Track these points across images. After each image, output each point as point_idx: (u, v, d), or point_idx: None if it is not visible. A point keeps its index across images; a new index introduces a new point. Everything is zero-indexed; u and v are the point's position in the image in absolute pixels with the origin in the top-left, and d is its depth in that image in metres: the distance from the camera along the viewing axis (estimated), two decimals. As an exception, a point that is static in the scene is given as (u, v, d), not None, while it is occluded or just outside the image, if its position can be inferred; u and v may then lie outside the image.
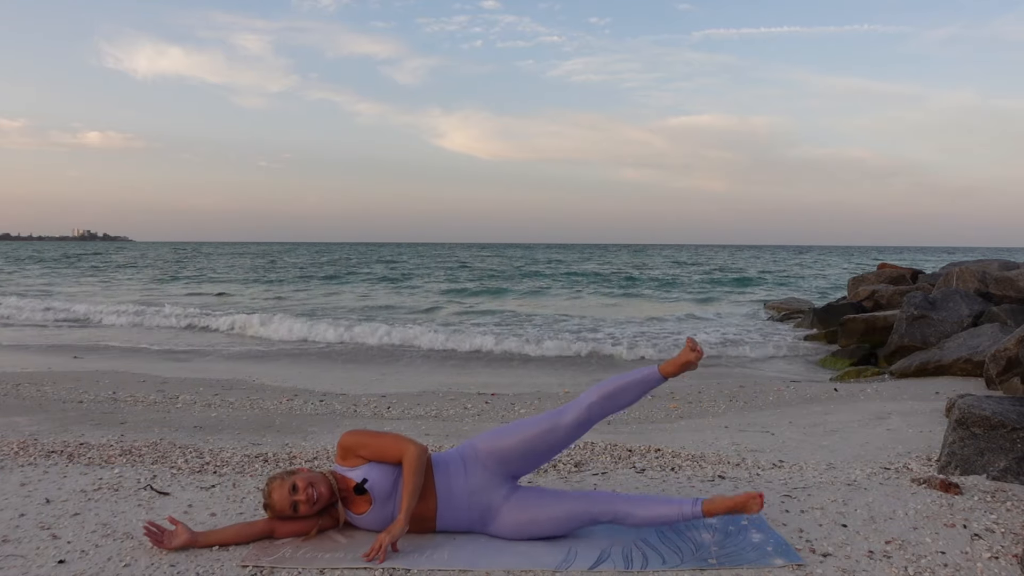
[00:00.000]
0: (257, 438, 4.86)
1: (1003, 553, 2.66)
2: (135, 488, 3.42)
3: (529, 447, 2.81)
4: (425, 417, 6.11)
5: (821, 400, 6.83)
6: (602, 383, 2.86)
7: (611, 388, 2.83)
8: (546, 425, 2.81)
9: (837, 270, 41.45)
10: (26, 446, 4.17)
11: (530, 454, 2.82)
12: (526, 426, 2.84)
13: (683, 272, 39.25)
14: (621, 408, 2.86)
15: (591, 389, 2.87)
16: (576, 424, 2.81)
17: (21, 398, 6.46)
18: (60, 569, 2.52)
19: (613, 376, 2.88)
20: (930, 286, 12.07)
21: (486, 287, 27.04)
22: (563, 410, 2.85)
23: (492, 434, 2.87)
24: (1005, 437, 3.57)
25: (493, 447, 2.82)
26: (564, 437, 2.83)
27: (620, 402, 2.83)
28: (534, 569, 2.53)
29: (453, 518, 2.80)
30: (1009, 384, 6.51)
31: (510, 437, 2.82)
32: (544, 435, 2.80)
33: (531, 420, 2.87)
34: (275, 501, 2.73)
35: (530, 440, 2.80)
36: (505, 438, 2.82)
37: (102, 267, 42.77)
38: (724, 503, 2.71)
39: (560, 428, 2.81)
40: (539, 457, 2.85)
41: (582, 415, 2.81)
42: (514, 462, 2.82)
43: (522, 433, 2.81)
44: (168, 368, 9.21)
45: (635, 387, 2.83)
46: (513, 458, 2.81)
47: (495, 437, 2.84)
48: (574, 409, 2.82)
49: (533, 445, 2.81)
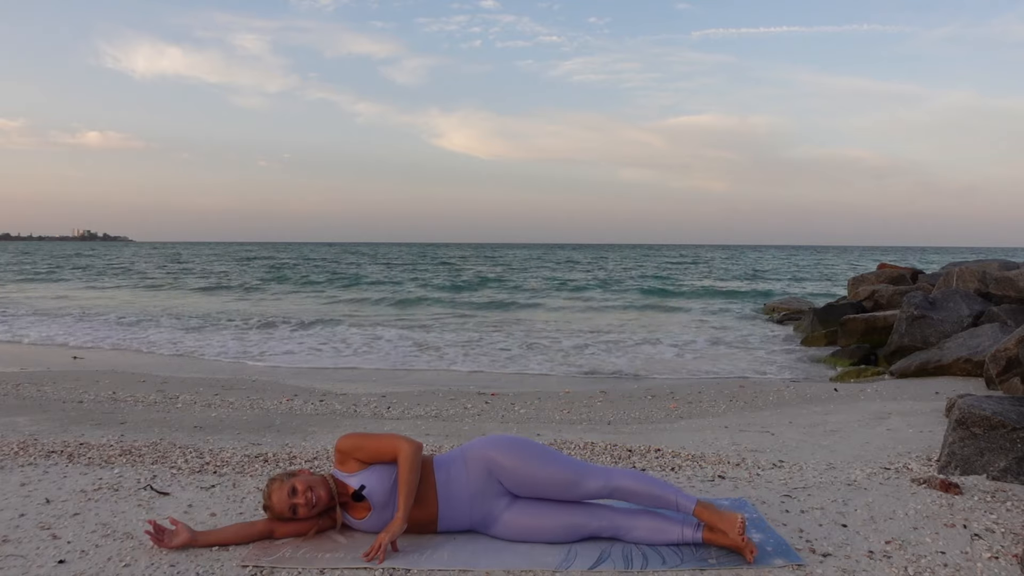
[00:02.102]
0: (257, 438, 4.86)
1: (1003, 553, 2.66)
2: (135, 488, 3.42)
3: (542, 488, 2.76)
4: (425, 417, 6.11)
5: (821, 400, 6.84)
6: (641, 477, 2.78)
7: (645, 489, 2.73)
8: (570, 478, 2.74)
9: (836, 270, 41.45)
10: (26, 446, 4.17)
11: (539, 492, 2.77)
12: (549, 469, 2.75)
13: (683, 273, 39.26)
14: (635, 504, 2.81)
15: (629, 474, 2.79)
16: (595, 494, 2.76)
17: (21, 398, 6.46)
18: (60, 569, 2.52)
19: (655, 479, 2.79)
20: (930, 286, 12.07)
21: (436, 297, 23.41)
22: (590, 473, 2.76)
23: (510, 450, 2.79)
24: (1005, 437, 3.57)
25: (510, 468, 2.75)
26: (578, 496, 2.77)
27: (641, 503, 2.76)
28: (534, 569, 2.53)
29: (454, 519, 2.79)
30: (1009, 384, 6.51)
31: (530, 468, 2.74)
32: (562, 486, 2.75)
33: (555, 464, 2.77)
34: (274, 503, 2.74)
35: (548, 485, 2.75)
36: (525, 467, 2.74)
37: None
38: (723, 540, 2.65)
39: (580, 488, 2.75)
40: (544, 495, 2.79)
41: (603, 492, 2.74)
42: (521, 489, 2.78)
43: (544, 474, 2.74)
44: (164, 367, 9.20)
45: (662, 504, 2.74)
46: (522, 486, 2.77)
47: (515, 459, 2.76)
48: (602, 480, 2.75)
49: (547, 490, 2.76)
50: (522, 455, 2.77)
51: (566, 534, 2.74)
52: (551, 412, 6.41)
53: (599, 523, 2.74)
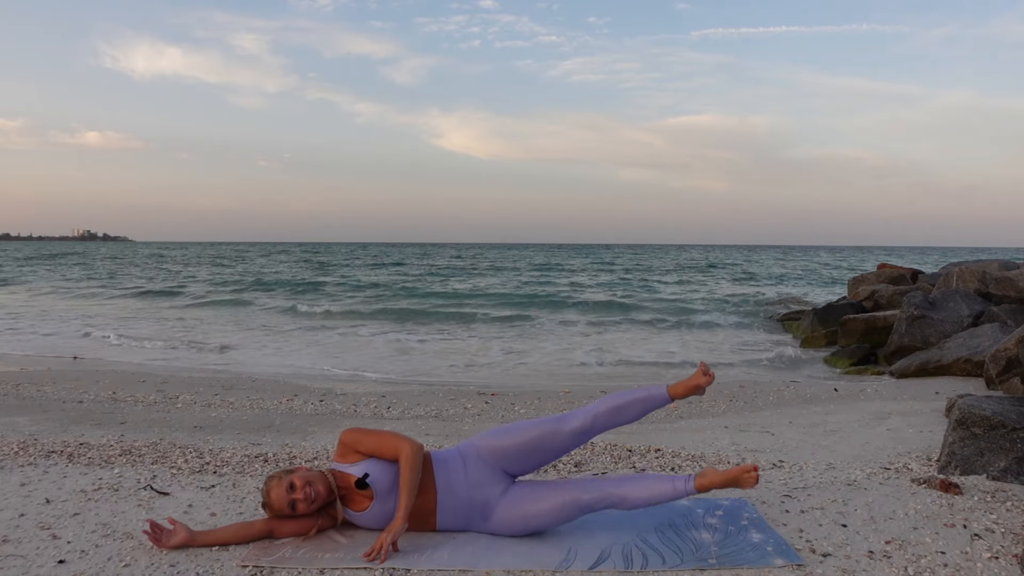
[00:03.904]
0: (257, 438, 4.86)
1: (1003, 553, 2.66)
2: (135, 488, 3.41)
3: (529, 448, 2.82)
4: (425, 417, 6.11)
5: (821, 400, 6.84)
6: (611, 395, 2.90)
7: (619, 402, 2.86)
8: (549, 428, 2.83)
9: (835, 269, 41.44)
10: (26, 446, 4.17)
11: (530, 455, 2.84)
12: (528, 427, 2.85)
13: (682, 273, 39.25)
14: (624, 423, 2.89)
15: (600, 399, 2.90)
16: (579, 431, 2.83)
17: (21, 398, 6.45)
18: (60, 569, 2.52)
19: (623, 391, 2.92)
20: (930, 286, 12.07)
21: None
22: (568, 416, 2.87)
23: (493, 432, 2.89)
24: (1005, 437, 3.57)
25: (493, 444, 2.84)
26: (565, 443, 2.85)
27: (624, 417, 2.86)
28: (534, 569, 2.53)
29: (453, 513, 2.81)
30: (1009, 384, 6.52)
31: (511, 436, 2.84)
32: (545, 437, 2.82)
33: (534, 421, 2.89)
34: (273, 500, 2.74)
35: (531, 441, 2.82)
36: (506, 437, 2.84)
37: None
38: (716, 477, 2.73)
39: (562, 433, 2.83)
40: (539, 459, 2.86)
41: (586, 424, 2.83)
42: (513, 461, 2.84)
43: (523, 434, 2.83)
44: (160, 368, 9.20)
45: (641, 404, 2.86)
46: (512, 457, 2.83)
47: (496, 435, 2.87)
48: (580, 417, 2.85)
49: (533, 446, 2.82)
50: (509, 429, 2.87)
51: (562, 513, 2.77)
52: (551, 412, 6.41)
53: (592, 496, 2.78)
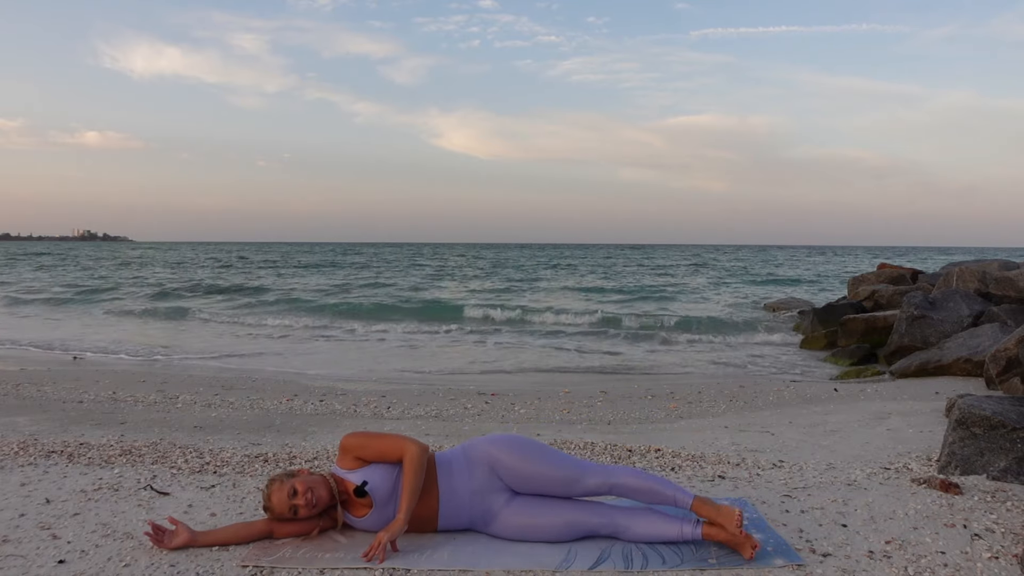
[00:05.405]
0: (257, 438, 4.86)
1: (1003, 553, 2.66)
2: (135, 488, 3.41)
3: (541, 483, 2.77)
4: (425, 417, 6.11)
5: (821, 400, 6.84)
6: (641, 474, 2.78)
7: (644, 485, 2.74)
8: (570, 475, 2.76)
9: (835, 270, 41.44)
10: (26, 446, 4.17)
11: (539, 488, 2.78)
12: (550, 465, 2.77)
13: (681, 273, 39.25)
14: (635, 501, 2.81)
15: (628, 471, 2.80)
16: (595, 490, 2.77)
17: (21, 398, 6.45)
18: (60, 569, 2.52)
19: (654, 476, 2.80)
20: (930, 286, 12.07)
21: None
22: (590, 471, 2.78)
23: (509, 446, 2.80)
24: (1005, 437, 3.57)
25: (508, 464, 2.76)
26: (575, 494, 2.78)
27: (640, 498, 2.76)
28: (534, 569, 2.53)
29: (455, 516, 2.80)
30: (1009, 384, 6.51)
31: (530, 465, 2.76)
32: (562, 483, 2.76)
33: (556, 461, 2.79)
34: (274, 504, 2.73)
35: (549, 481, 2.76)
36: (524, 464, 2.76)
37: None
38: (720, 535, 2.66)
39: (579, 485, 2.76)
40: (545, 492, 2.80)
41: (603, 488, 2.76)
42: (520, 484, 2.79)
43: (543, 469, 2.76)
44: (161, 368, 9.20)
45: (660, 499, 2.74)
46: (524, 483, 2.78)
47: (513, 454, 2.78)
48: (601, 476, 2.76)
49: (545, 484, 2.77)
50: (523, 452, 2.79)
51: (565, 531, 2.74)
52: (551, 412, 6.41)
53: (598, 520, 2.75)
